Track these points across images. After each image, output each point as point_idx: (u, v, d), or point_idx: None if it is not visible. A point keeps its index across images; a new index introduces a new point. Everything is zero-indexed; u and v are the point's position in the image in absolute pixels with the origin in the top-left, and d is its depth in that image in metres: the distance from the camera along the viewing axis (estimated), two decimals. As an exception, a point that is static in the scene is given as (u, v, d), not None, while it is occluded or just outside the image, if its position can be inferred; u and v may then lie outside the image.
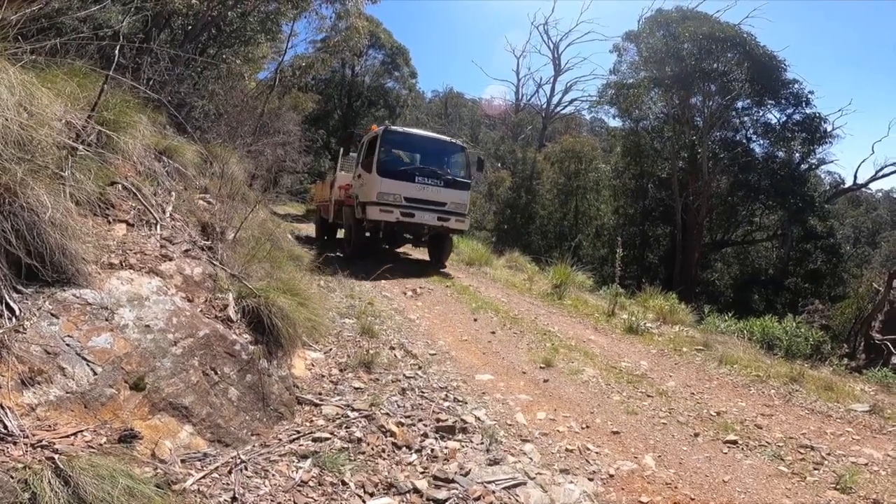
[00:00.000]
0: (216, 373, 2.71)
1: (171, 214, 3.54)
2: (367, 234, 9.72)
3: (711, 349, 5.86)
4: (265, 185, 7.73)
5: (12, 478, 1.64)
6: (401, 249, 11.88)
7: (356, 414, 3.14)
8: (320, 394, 3.40)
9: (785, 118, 20.46)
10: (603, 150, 25.34)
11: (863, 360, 6.91)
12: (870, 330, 7.61)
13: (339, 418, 3.05)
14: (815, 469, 3.16)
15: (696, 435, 3.56)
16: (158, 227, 3.29)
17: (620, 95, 21.92)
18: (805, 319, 8.38)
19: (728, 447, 3.41)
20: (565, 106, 25.69)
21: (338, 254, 9.56)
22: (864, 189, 24.99)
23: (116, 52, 3.43)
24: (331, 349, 4.30)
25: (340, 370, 3.91)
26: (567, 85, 26.38)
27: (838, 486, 2.94)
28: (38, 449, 1.83)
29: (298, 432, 2.80)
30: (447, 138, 10.92)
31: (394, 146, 9.56)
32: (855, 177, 25.58)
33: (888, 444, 3.62)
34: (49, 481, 1.64)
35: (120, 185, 3.23)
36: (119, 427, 2.13)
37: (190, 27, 8.48)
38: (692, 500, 2.73)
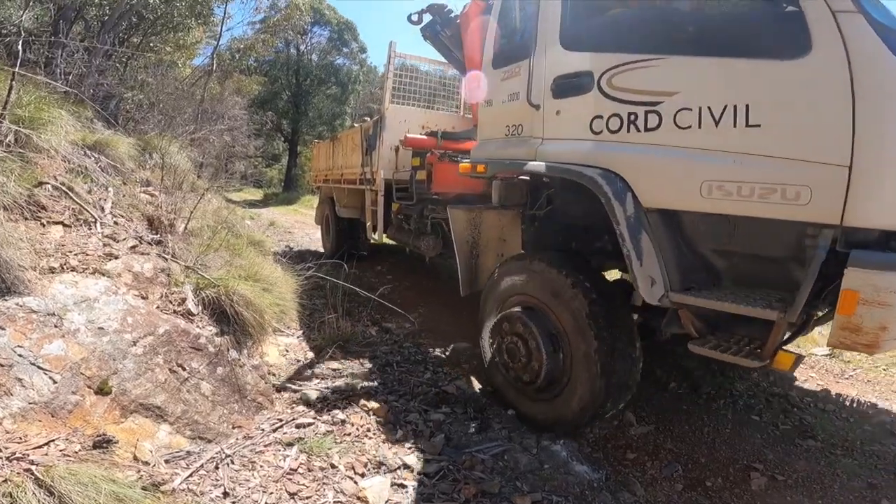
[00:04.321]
0: (184, 368, 2.65)
1: (111, 211, 3.41)
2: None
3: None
4: (215, 173, 7.43)
5: (-4, 492, 1.61)
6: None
7: (337, 396, 3.11)
8: (298, 379, 3.35)
9: None
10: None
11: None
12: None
13: (320, 402, 3.03)
14: (785, 417, 3.28)
15: (672, 387, 3.67)
16: (98, 225, 3.15)
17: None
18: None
19: (703, 398, 3.51)
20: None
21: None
22: None
23: (20, 47, 3.19)
24: (303, 332, 4.22)
25: (316, 353, 3.86)
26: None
27: (809, 434, 3.06)
28: (14, 461, 1.80)
29: (280, 420, 2.77)
30: None
31: None
32: None
33: (851, 390, 3.75)
34: (33, 493, 1.63)
35: (49, 186, 3.05)
36: (92, 433, 2.10)
37: (106, 17, 7.82)
38: (676, 453, 2.84)
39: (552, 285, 2.74)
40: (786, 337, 2.13)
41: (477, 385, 3.53)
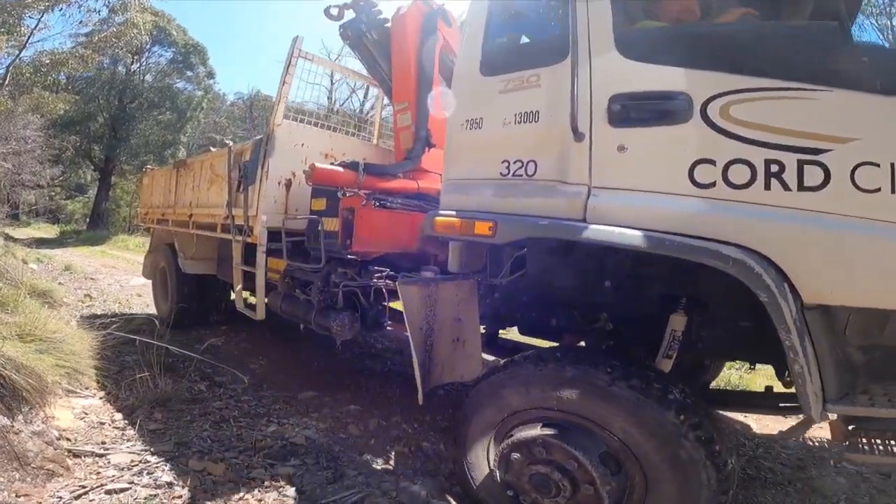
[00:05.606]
0: (-71, 438, 2.09)
1: None
2: None
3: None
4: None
5: None
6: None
7: (158, 458, 2.71)
8: (103, 443, 2.88)
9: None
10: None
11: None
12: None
13: (138, 465, 2.63)
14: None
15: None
16: None
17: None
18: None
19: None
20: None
21: None
22: None
23: None
24: (109, 392, 3.65)
25: (128, 413, 3.33)
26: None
27: None
28: None
29: (84, 487, 2.37)
30: None
31: None
32: None
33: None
34: None
35: None
36: None
37: None
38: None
39: (656, 430, 1.91)
40: None
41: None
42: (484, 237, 2.26)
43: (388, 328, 3.74)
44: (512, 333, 3.39)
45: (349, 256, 3.26)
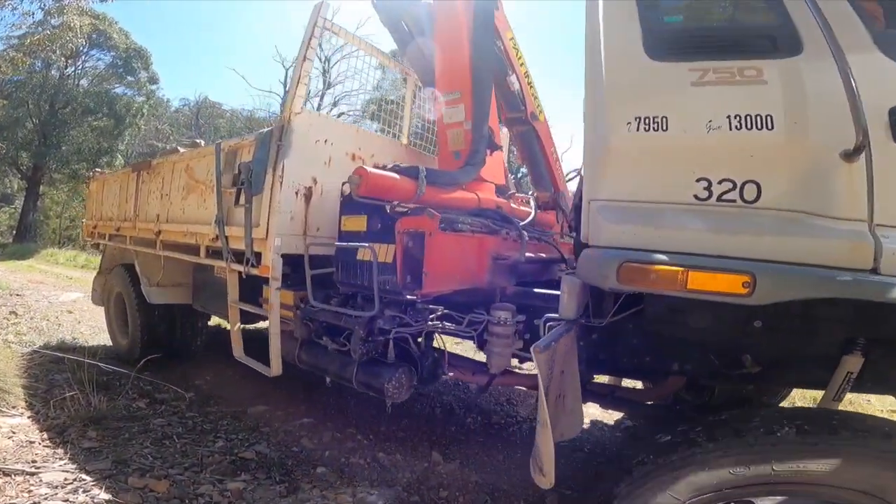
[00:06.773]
0: None
1: None
2: None
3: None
4: None
5: None
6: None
7: (94, 476, 2.57)
8: (34, 462, 2.72)
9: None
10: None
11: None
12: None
13: (72, 483, 2.49)
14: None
15: (469, 421, 3.97)
16: None
17: (383, 111, 23.67)
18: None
19: (494, 428, 3.84)
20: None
21: None
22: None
23: None
24: (37, 411, 3.48)
25: (59, 432, 3.17)
26: (336, 99, 26.52)
27: (578, 448, 3.61)
28: None
29: None
30: None
31: None
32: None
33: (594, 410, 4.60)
34: None
35: None
36: None
37: None
38: (481, 485, 3.02)
39: None
40: None
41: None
42: (733, 296, 1.58)
43: (449, 378, 3.18)
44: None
45: (409, 297, 2.43)
